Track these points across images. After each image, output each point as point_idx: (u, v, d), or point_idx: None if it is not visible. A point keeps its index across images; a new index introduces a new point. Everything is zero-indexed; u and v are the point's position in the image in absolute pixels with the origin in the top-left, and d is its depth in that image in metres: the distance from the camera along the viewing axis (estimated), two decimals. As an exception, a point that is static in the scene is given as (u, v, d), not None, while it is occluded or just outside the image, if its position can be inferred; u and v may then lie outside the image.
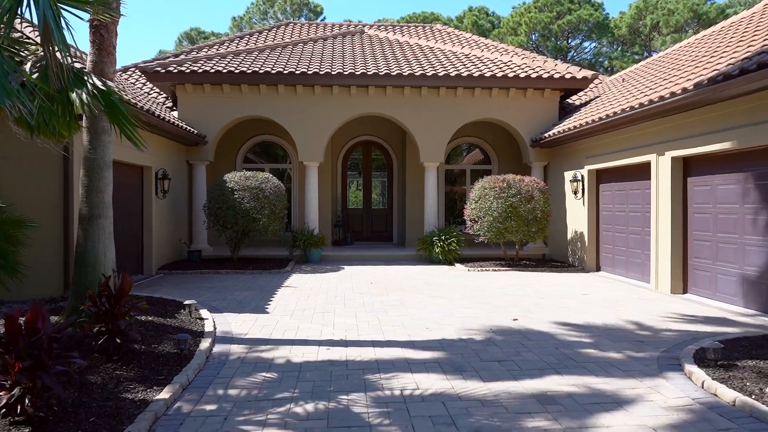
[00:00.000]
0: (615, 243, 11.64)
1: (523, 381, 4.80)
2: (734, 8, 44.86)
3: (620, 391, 4.53)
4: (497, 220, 12.07)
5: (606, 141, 11.48)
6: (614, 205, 11.66)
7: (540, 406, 4.22)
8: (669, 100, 8.40)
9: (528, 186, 12.26)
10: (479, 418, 3.97)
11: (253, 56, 14.87)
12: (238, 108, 14.07)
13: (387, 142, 17.13)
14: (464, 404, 4.25)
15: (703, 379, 4.55)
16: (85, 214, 6.09)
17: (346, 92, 14.19)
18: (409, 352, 5.73)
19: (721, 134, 8.02)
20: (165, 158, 12.36)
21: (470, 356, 5.56)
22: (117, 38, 6.28)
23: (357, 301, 8.49)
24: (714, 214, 8.56)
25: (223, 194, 12.10)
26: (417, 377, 4.89)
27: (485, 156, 16.91)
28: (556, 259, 13.96)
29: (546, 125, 14.39)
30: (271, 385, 4.69)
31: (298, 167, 16.13)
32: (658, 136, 9.58)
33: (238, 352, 5.68)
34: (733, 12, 43.92)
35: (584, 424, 3.88)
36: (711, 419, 3.95)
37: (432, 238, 13.58)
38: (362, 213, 17.63)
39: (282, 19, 43.82)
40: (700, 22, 39.65)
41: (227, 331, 6.47)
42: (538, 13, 40.92)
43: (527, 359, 5.46)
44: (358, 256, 14.31)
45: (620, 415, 4.03)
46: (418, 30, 20.86)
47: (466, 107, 14.42)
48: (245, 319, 7.20)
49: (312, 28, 20.95)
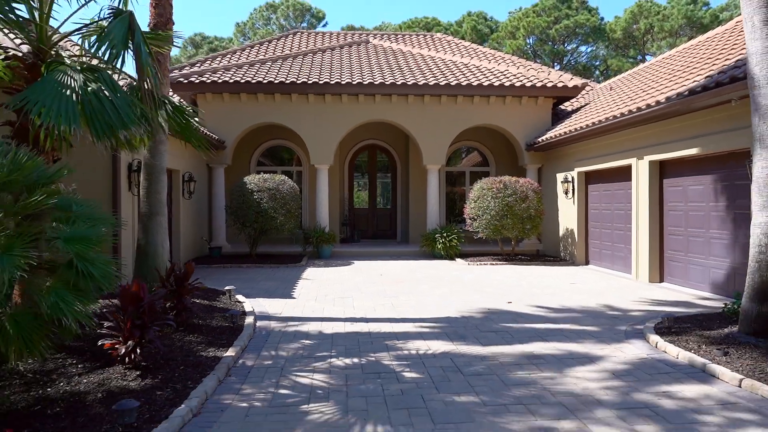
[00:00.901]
0: (602, 239, 12.78)
1: (514, 345, 5.94)
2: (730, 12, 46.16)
3: (591, 351, 5.67)
4: (494, 218, 13.21)
5: (593, 146, 12.63)
6: (601, 204, 12.81)
7: (527, 360, 5.36)
8: (645, 111, 9.56)
9: (523, 187, 13.41)
10: (479, 368, 5.10)
11: (267, 66, 15.99)
12: (255, 115, 15.21)
13: (391, 145, 18.26)
14: (467, 359, 5.38)
15: (657, 341, 5.70)
16: (146, 212, 7.21)
17: (354, 100, 15.34)
18: (420, 325, 6.87)
19: (689, 141, 9.18)
20: (190, 162, 13.48)
21: (471, 329, 6.70)
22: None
23: (370, 290, 9.63)
24: (685, 211, 9.71)
25: (243, 195, 13.22)
26: (428, 342, 6.03)
27: (483, 158, 18.05)
28: (549, 254, 15.11)
29: (540, 130, 15.54)
30: (311, 347, 5.83)
31: (308, 170, 17.24)
32: (638, 142, 10.73)
33: (278, 326, 6.81)
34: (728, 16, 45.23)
35: (560, 371, 5.01)
36: (657, 367, 5.10)
37: (434, 235, 14.72)
38: (368, 212, 18.76)
39: (284, 24, 45.02)
40: (694, 26, 40.90)
41: (264, 311, 7.60)
42: (535, 17, 42.07)
43: (518, 331, 6.60)
44: (366, 252, 15.44)
45: (589, 366, 5.17)
46: (420, 39, 22.01)
47: (466, 114, 15.57)
48: (276, 302, 8.32)
49: (318, 37, 22.08)
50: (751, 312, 5.68)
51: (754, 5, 5.69)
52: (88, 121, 4.51)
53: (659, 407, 4.16)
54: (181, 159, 12.68)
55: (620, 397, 4.38)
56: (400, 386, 4.64)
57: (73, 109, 4.37)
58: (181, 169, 12.71)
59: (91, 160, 8.79)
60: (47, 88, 4.39)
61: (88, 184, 9.38)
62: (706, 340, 5.72)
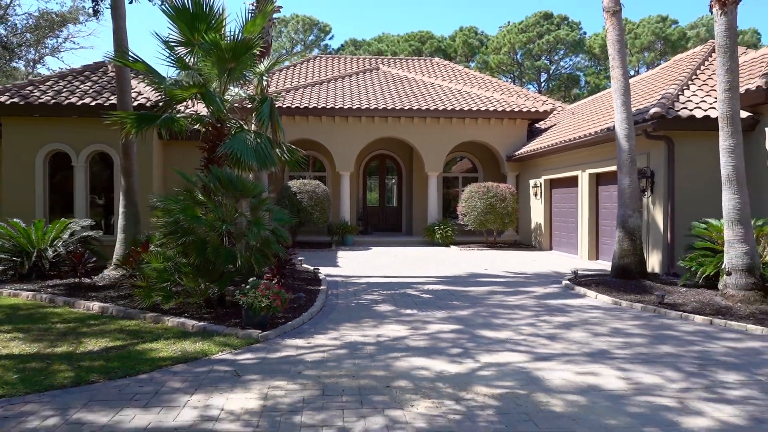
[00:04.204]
0: (561, 230, 16.92)
1: (484, 287, 10.05)
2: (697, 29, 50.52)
3: (529, 289, 9.80)
4: (480, 214, 17.31)
5: (554, 160, 16.75)
6: (561, 204, 16.93)
7: (490, 292, 9.49)
8: (581, 139, 13.70)
9: (502, 190, 17.52)
10: (463, 295, 9.22)
11: (300, 92, 20.04)
12: (292, 132, 19.21)
13: (398, 155, 22.33)
14: (456, 291, 9.50)
15: (566, 284, 9.84)
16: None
17: (370, 120, 19.41)
18: (428, 278, 10.97)
19: (610, 161, 13.29)
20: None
21: (459, 280, 10.82)
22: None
23: (390, 262, 13.72)
24: (611, 209, 13.83)
25: (288, 196, 17.27)
26: (434, 286, 10.14)
27: (474, 166, 22.14)
28: (524, 243, 19.24)
29: (517, 145, 19.66)
30: (365, 287, 9.92)
31: (332, 175, 21.29)
32: (582, 159, 14.85)
33: (340, 279, 10.90)
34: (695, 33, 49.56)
35: (509, 296, 9.12)
36: (563, 293, 9.26)
37: (433, 227, 18.82)
38: (378, 209, 22.84)
39: (294, 38, 49.04)
40: (665, 42, 45.20)
41: (327, 273, 11.67)
42: (520, 33, 46.21)
43: (488, 281, 10.71)
44: (379, 241, 19.51)
45: (525, 294, 9.30)
46: (421, 64, 26.12)
47: (458, 131, 19.67)
48: (330, 269, 12.38)
49: (334, 61, 26.16)
50: (614, 265, 9.83)
51: (618, 92, 9.81)
52: (257, 158, 8.55)
53: (562, 308, 8.27)
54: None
55: (538, 303, 8.50)
56: (421, 299, 8.75)
57: (251, 152, 8.41)
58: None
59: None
60: (239, 141, 8.43)
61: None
62: (592, 280, 9.87)
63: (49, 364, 5.17)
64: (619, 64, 9.69)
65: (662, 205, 11.33)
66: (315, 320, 7.36)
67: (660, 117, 10.62)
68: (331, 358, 5.54)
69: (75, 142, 12.87)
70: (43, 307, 8.09)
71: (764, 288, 7.61)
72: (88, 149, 12.90)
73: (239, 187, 7.58)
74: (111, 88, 13.24)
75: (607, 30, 9.75)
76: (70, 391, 4.50)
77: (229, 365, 5.29)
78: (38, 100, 12.51)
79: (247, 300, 6.53)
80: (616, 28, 9.54)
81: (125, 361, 5.30)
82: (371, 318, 7.50)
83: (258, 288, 6.69)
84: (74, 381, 4.72)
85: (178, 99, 8.70)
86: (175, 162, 13.50)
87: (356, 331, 6.77)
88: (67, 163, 13.06)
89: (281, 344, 6.11)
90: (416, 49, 47.53)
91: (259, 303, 6.45)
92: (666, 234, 11.20)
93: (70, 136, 12.84)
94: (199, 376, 4.93)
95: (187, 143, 13.38)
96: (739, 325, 6.82)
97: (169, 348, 5.79)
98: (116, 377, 4.86)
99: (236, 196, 7.68)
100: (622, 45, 9.72)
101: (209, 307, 7.61)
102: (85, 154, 12.92)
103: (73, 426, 3.82)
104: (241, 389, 4.61)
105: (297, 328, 6.91)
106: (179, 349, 5.74)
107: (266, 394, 4.48)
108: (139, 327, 6.80)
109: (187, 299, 7.52)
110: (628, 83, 9.72)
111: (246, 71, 9.27)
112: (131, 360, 5.35)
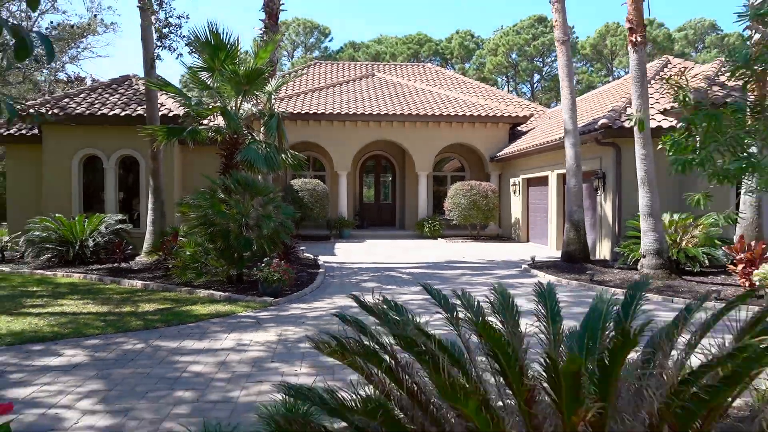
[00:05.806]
0: (536, 224, 18.83)
1: (457, 270, 11.97)
2: (686, 31, 52.25)
3: (494, 272, 11.72)
4: (464, 210, 19.21)
5: (530, 161, 18.64)
6: (536, 200, 18.84)
7: (461, 274, 11.40)
8: (546, 144, 15.60)
9: (484, 188, 19.42)
10: (438, 276, 11.14)
11: (302, 98, 21.93)
12: (294, 135, 21.10)
13: (392, 155, 24.23)
14: (433, 273, 11.43)
15: (525, 267, 11.76)
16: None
17: (366, 124, 21.31)
18: (411, 264, 12.90)
19: (574, 163, 15.17)
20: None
21: (438, 266, 12.75)
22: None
23: (385, 252, 15.65)
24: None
25: (291, 193, 19.18)
26: (415, 270, 12.07)
27: (461, 165, 24.04)
28: (505, 236, 21.15)
29: (499, 147, 21.55)
30: (357, 270, 11.86)
31: (331, 174, 23.19)
32: (551, 161, 16.75)
33: (335, 264, 12.82)
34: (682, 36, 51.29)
35: (475, 277, 11.05)
36: (521, 275, 11.16)
37: (423, 222, 20.73)
38: (373, 205, 24.76)
39: (296, 40, 50.87)
40: (653, 44, 46.96)
41: (325, 260, 13.59)
42: (515, 36, 48.06)
43: (462, 267, 12.64)
44: (374, 234, 21.43)
45: (489, 275, 11.23)
46: (413, 70, 28.01)
47: (446, 134, 21.56)
48: (328, 257, 14.30)
49: (333, 67, 28.05)
50: (563, 251, 11.76)
51: (566, 108, 11.69)
52: (267, 164, 10.47)
53: (514, 285, 10.19)
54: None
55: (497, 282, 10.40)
56: (402, 279, 10.69)
57: (261, 159, 10.33)
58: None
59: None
60: (252, 150, 10.35)
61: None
62: (545, 264, 11.79)
63: (121, 317, 7.13)
64: (567, 84, 11.59)
65: (612, 202, 13.25)
66: (314, 293, 9.30)
67: (607, 127, 12.52)
68: (326, 315, 7.48)
69: (106, 147, 14.81)
70: (94, 284, 10.04)
71: (670, 267, 9.53)
72: (117, 153, 14.84)
73: (254, 187, 9.51)
74: (137, 99, 15.18)
75: (558, 56, 11.62)
76: (143, 333, 6.45)
77: (252, 319, 7.25)
78: (74, 110, 14.44)
79: (263, 275, 8.48)
80: (564, 54, 11.43)
81: (176, 316, 7.25)
82: (358, 291, 9.41)
83: (271, 266, 8.63)
84: (144, 327, 6.67)
85: (203, 116, 10.63)
86: (191, 164, 15.44)
87: (345, 300, 8.69)
88: (99, 165, 15.00)
89: (289, 307, 8.06)
90: (414, 52, 49.37)
91: (272, 276, 8.40)
92: (614, 226, 13.12)
93: (102, 142, 14.78)
94: (231, 325, 6.88)
95: (202, 148, 15.25)
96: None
97: (205, 309, 7.74)
98: (172, 324, 6.81)
99: (251, 194, 9.61)
100: (570, 69, 11.63)
101: (230, 284, 9.56)
102: (115, 158, 14.85)
103: (154, 348, 5.77)
104: (262, 331, 6.56)
105: (301, 297, 8.85)
106: (213, 310, 7.69)
107: (280, 333, 6.43)
108: (178, 297, 8.75)
109: (213, 277, 9.47)
110: (574, 101, 11.63)
111: (257, 92, 11.18)
112: (180, 316, 7.30)
